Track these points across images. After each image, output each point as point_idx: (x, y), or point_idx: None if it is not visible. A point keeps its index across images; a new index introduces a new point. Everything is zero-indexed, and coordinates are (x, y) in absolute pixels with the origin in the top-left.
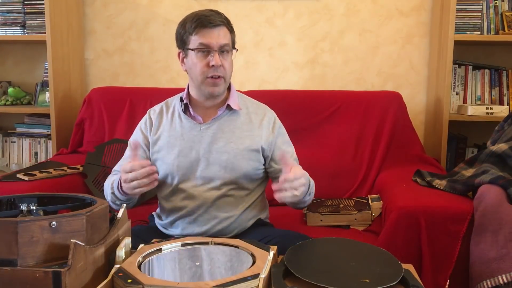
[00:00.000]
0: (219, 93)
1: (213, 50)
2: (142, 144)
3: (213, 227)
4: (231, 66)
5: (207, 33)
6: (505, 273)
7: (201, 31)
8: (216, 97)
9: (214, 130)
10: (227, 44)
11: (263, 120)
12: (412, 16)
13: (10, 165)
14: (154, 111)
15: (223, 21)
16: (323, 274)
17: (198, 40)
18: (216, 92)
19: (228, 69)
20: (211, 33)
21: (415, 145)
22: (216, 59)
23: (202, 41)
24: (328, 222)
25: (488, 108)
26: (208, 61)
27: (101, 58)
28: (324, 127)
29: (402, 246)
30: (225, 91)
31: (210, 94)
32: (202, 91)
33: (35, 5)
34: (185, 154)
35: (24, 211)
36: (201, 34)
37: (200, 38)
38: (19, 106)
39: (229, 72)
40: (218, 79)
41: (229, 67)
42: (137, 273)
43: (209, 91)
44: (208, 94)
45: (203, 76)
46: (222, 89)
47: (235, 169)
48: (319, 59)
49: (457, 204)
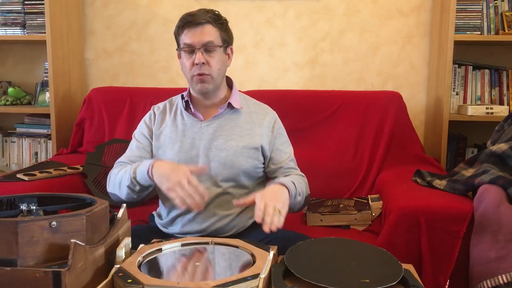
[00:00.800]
0: (207, 90)
1: (196, 49)
2: (147, 135)
3: (213, 224)
4: (219, 63)
5: (190, 32)
6: (505, 273)
7: (185, 30)
8: (207, 94)
9: (215, 128)
10: (211, 42)
11: (264, 120)
12: (412, 16)
13: (10, 165)
14: (158, 107)
15: (208, 19)
16: (323, 274)
17: (183, 40)
18: (204, 89)
19: (215, 66)
20: (194, 31)
21: (415, 145)
22: (198, 57)
23: (185, 41)
24: (328, 222)
25: (488, 108)
26: (193, 59)
27: (101, 58)
28: (324, 127)
29: (402, 246)
30: (216, 88)
31: (199, 92)
32: (194, 90)
33: (35, 5)
34: (185, 150)
35: (24, 211)
36: (185, 34)
37: (184, 38)
38: (19, 106)
39: (216, 69)
40: (203, 76)
41: (216, 64)
42: (137, 273)
43: (198, 89)
44: (198, 92)
45: (191, 75)
46: (211, 86)
47: (234, 166)
48: (319, 59)
49: (457, 204)
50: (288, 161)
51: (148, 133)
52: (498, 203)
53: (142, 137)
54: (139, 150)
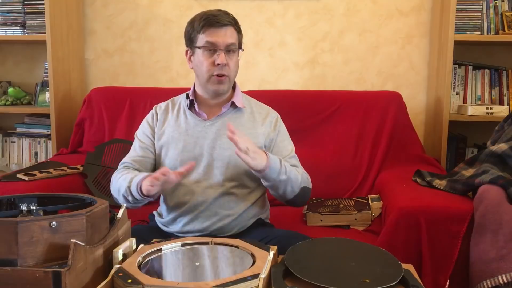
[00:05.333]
0: (223, 91)
1: (219, 49)
2: (149, 136)
3: (214, 224)
4: (236, 65)
5: (214, 32)
6: (505, 273)
7: (209, 30)
8: (221, 95)
9: (218, 127)
10: (234, 44)
11: (266, 119)
12: (412, 16)
13: (10, 165)
14: (160, 107)
15: (231, 21)
16: (323, 274)
17: (205, 39)
18: (220, 90)
19: (233, 68)
20: (218, 32)
21: (415, 145)
22: (221, 57)
23: (209, 40)
24: (328, 222)
25: (488, 108)
26: (214, 59)
27: (101, 58)
28: (324, 127)
29: (402, 246)
30: (229, 90)
31: (215, 92)
32: (208, 89)
33: (35, 5)
34: (189, 149)
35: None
36: (208, 33)
37: (207, 37)
38: (19, 106)
39: (234, 71)
40: (223, 77)
41: (234, 67)
42: (137, 273)
43: (214, 89)
44: (213, 92)
45: (209, 74)
46: (227, 87)
47: (238, 165)
48: (319, 59)
49: (457, 204)
50: (288, 158)
51: (150, 132)
52: (498, 203)
53: (144, 137)
54: (143, 150)
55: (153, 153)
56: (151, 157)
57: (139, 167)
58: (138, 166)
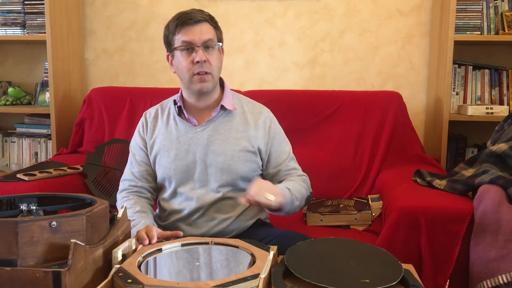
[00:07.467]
0: (208, 89)
1: (196, 46)
2: (142, 147)
3: (212, 228)
4: (218, 61)
5: (188, 30)
6: (505, 273)
7: (183, 29)
8: (206, 94)
9: (210, 132)
10: (211, 40)
11: (259, 120)
12: (412, 16)
13: (10, 165)
14: (150, 114)
15: (205, 17)
16: (323, 274)
17: (181, 38)
18: (204, 89)
19: (215, 64)
20: (193, 29)
21: (415, 145)
22: (200, 54)
23: (184, 39)
24: (328, 222)
25: (488, 108)
26: (192, 58)
27: (101, 58)
28: (324, 127)
29: (402, 246)
30: (214, 88)
31: (199, 91)
32: (192, 90)
33: (35, 5)
34: (181, 157)
35: (24, 211)
36: (183, 32)
37: (183, 36)
38: (19, 106)
39: (216, 67)
40: (205, 75)
41: (216, 63)
42: (137, 273)
43: (198, 89)
44: (198, 92)
45: (190, 74)
46: (211, 85)
47: (232, 171)
48: (319, 59)
49: (457, 204)
50: (287, 162)
51: (142, 144)
52: (498, 203)
53: (138, 150)
54: (139, 164)
55: (149, 165)
56: (148, 168)
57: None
58: (138, 181)
